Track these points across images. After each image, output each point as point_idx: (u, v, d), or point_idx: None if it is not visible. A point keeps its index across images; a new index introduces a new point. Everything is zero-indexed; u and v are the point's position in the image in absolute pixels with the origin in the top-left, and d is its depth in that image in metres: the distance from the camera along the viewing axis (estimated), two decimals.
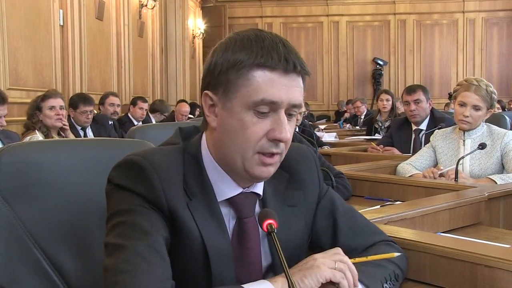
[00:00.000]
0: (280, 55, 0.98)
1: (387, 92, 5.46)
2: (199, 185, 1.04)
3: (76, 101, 4.55)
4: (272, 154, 1.01)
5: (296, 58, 1.00)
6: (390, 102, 5.36)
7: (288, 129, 1.00)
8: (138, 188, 0.99)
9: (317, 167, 1.22)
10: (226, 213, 1.06)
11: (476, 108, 2.54)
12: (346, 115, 9.71)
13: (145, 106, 5.93)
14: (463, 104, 2.56)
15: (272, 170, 1.04)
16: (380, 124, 5.47)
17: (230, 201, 1.06)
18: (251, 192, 1.08)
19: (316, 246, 1.19)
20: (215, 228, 1.03)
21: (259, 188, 1.09)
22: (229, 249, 1.04)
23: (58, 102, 3.87)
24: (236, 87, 0.99)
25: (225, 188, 1.05)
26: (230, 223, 1.07)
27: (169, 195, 0.99)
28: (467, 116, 2.54)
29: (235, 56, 0.99)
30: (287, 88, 0.99)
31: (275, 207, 1.07)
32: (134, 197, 0.99)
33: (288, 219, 1.10)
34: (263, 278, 1.05)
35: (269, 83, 0.98)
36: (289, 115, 1.02)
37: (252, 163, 1.01)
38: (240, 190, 1.07)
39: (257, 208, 1.10)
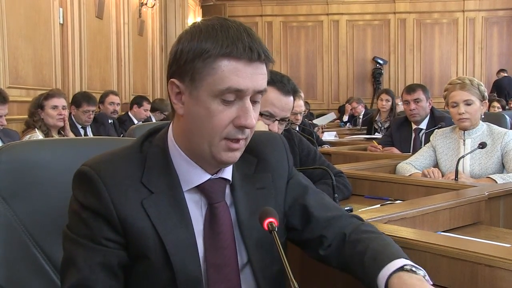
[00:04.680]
0: (245, 45, 1.01)
1: (388, 92, 5.43)
2: (165, 177, 1.06)
3: (80, 100, 4.55)
4: (238, 140, 1.04)
5: (260, 47, 1.03)
6: (390, 103, 5.36)
7: (253, 116, 1.04)
8: (87, 200, 1.02)
9: (286, 151, 1.24)
10: (198, 200, 1.09)
11: (468, 102, 2.56)
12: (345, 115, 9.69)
13: (149, 107, 5.97)
14: (455, 105, 2.59)
15: (238, 154, 1.07)
16: (380, 125, 5.46)
17: (199, 188, 1.09)
18: (219, 177, 1.10)
19: (289, 227, 1.20)
20: (176, 219, 1.04)
21: (227, 173, 1.12)
22: (192, 238, 1.05)
23: (61, 102, 3.89)
24: (202, 76, 1.02)
25: (193, 176, 1.08)
26: (202, 210, 1.09)
27: (118, 202, 1.02)
28: (463, 113, 2.55)
29: (201, 45, 1.02)
30: (252, 76, 1.02)
31: (245, 191, 1.11)
32: (83, 209, 1.03)
33: (259, 202, 1.12)
34: (238, 263, 1.08)
35: (234, 72, 1.01)
36: (253, 101, 1.05)
37: (219, 149, 1.04)
38: (208, 176, 1.09)
39: (227, 192, 1.12)
